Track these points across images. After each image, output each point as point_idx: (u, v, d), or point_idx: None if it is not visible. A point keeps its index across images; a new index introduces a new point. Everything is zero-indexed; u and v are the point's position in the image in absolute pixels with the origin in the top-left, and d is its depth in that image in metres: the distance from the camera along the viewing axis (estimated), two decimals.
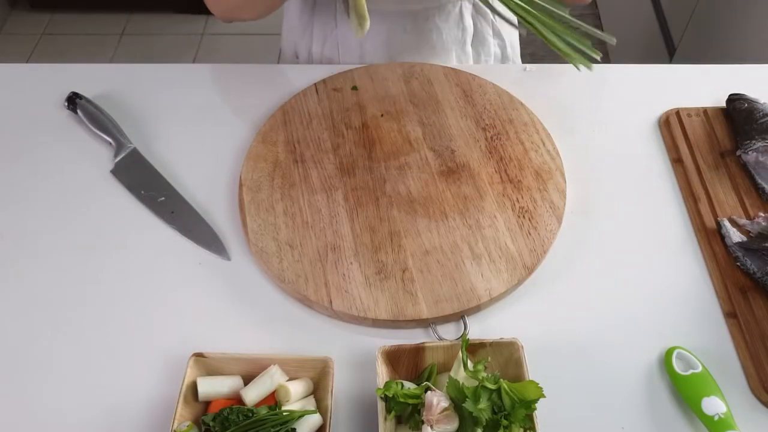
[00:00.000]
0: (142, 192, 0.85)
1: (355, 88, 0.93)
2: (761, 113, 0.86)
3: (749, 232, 0.79)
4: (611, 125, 0.92)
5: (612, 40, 0.73)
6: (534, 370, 0.64)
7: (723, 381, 0.67)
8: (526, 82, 0.97)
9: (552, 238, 0.78)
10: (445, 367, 0.67)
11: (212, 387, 0.65)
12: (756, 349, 0.70)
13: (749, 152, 0.84)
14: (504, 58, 1.11)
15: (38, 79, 0.98)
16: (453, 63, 1.05)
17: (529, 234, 0.78)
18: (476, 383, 0.60)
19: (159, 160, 0.88)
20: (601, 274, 0.77)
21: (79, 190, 0.85)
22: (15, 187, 0.86)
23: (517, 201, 0.81)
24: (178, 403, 0.62)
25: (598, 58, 0.71)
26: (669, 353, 0.70)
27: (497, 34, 1.08)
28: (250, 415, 0.61)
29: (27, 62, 2.47)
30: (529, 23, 0.72)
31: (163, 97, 0.95)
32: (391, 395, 0.61)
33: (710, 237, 0.79)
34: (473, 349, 0.66)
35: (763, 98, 0.89)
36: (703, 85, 0.96)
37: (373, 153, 0.87)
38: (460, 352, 0.63)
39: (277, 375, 0.65)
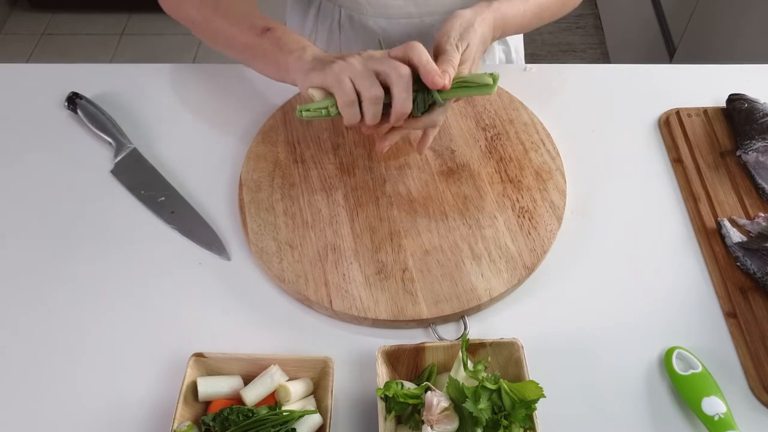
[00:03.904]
0: (142, 192, 0.85)
1: None
2: (761, 113, 0.86)
3: (749, 232, 0.79)
4: (611, 125, 0.92)
5: None
6: (534, 370, 0.64)
7: (723, 381, 0.67)
8: (526, 82, 0.97)
9: (552, 238, 0.78)
10: (445, 367, 0.67)
11: (212, 387, 0.65)
12: (756, 349, 0.70)
13: (749, 152, 0.85)
14: (508, 63, 1.11)
15: (38, 79, 0.98)
16: None
17: (529, 234, 0.78)
18: (476, 383, 0.60)
19: (159, 160, 0.88)
20: (601, 274, 0.77)
21: (79, 190, 0.85)
22: (15, 187, 0.86)
23: (517, 201, 0.81)
24: (178, 403, 0.62)
25: (491, 81, 0.73)
26: (669, 353, 0.70)
27: (502, 39, 1.08)
28: (250, 415, 0.61)
29: (27, 62, 2.47)
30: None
31: (163, 97, 0.95)
32: (391, 395, 0.61)
33: (710, 237, 0.79)
34: (473, 349, 0.66)
35: (763, 98, 0.89)
36: (703, 85, 0.96)
37: (373, 153, 0.87)
38: (460, 352, 0.63)
39: (277, 375, 0.65)
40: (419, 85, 0.73)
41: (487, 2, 0.83)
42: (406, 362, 0.67)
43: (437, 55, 0.75)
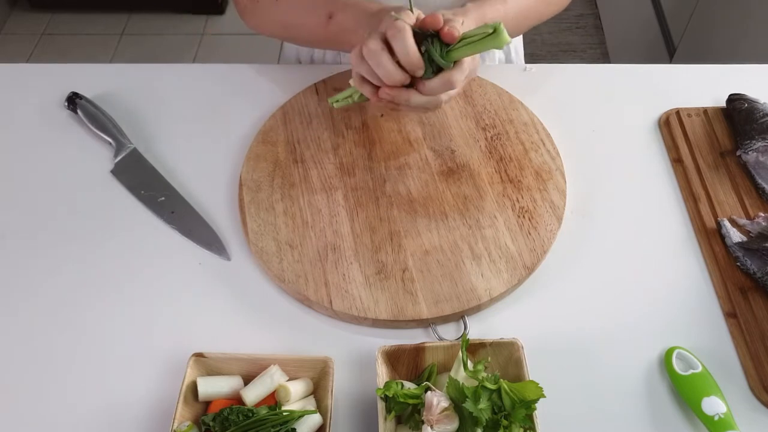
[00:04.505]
0: (142, 192, 0.85)
1: None
2: (761, 113, 0.86)
3: (749, 232, 0.79)
4: (611, 125, 0.92)
5: None
6: (534, 370, 0.64)
7: (723, 381, 0.67)
8: (526, 82, 0.97)
9: (552, 238, 0.78)
10: (445, 367, 0.67)
11: (212, 387, 0.65)
12: (756, 349, 0.70)
13: (749, 152, 0.85)
14: (508, 63, 1.11)
15: (38, 79, 0.98)
16: None
17: (529, 234, 0.78)
18: (476, 383, 0.60)
19: (159, 160, 0.88)
20: (601, 274, 0.77)
21: (79, 190, 0.85)
22: (15, 187, 0.86)
23: (517, 201, 0.81)
24: (178, 403, 0.63)
25: (491, 30, 0.70)
26: (669, 353, 0.70)
27: None
28: (250, 415, 0.61)
29: (27, 62, 2.47)
30: None
31: (163, 97, 0.95)
32: (391, 395, 0.61)
33: (710, 237, 0.79)
34: (473, 349, 0.66)
35: (763, 98, 0.89)
36: (703, 85, 0.96)
37: (373, 153, 0.87)
38: (460, 352, 0.63)
39: (277, 375, 0.65)
40: (424, 49, 0.72)
41: (462, 6, 0.82)
42: (406, 362, 0.67)
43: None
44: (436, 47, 0.72)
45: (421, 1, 0.95)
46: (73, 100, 0.92)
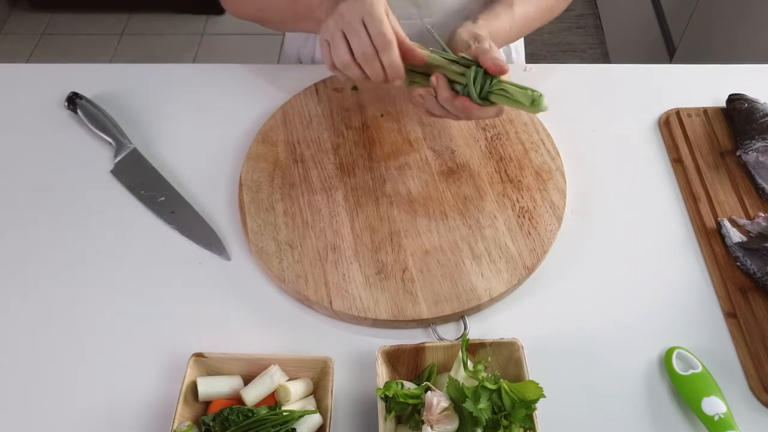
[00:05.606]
0: (142, 192, 0.85)
1: (355, 88, 0.93)
2: (761, 113, 0.86)
3: (749, 232, 0.79)
4: (611, 125, 0.92)
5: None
6: (534, 370, 0.64)
7: (723, 381, 0.67)
8: (526, 82, 0.97)
9: (552, 238, 0.78)
10: (445, 367, 0.67)
11: (212, 387, 0.65)
12: (756, 349, 0.70)
13: (749, 152, 0.85)
14: (508, 63, 1.11)
15: (38, 79, 0.98)
16: None
17: (529, 234, 0.78)
18: (476, 383, 0.60)
19: (159, 160, 0.88)
20: (601, 274, 0.77)
21: (79, 190, 0.85)
22: (15, 187, 0.86)
23: (517, 201, 0.81)
24: (178, 403, 0.63)
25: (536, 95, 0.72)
26: (669, 353, 0.70)
27: None
28: (250, 415, 0.61)
29: (27, 62, 2.47)
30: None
31: (163, 97, 0.95)
32: (391, 395, 0.61)
33: (710, 237, 0.79)
34: (473, 349, 0.66)
35: (763, 98, 0.89)
36: (703, 85, 0.96)
37: (373, 153, 0.87)
38: (460, 352, 0.63)
39: (277, 375, 0.65)
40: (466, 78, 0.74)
41: (473, 21, 0.83)
42: (406, 362, 0.67)
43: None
44: (479, 79, 0.73)
45: (434, 2, 0.95)
46: (73, 100, 0.92)
